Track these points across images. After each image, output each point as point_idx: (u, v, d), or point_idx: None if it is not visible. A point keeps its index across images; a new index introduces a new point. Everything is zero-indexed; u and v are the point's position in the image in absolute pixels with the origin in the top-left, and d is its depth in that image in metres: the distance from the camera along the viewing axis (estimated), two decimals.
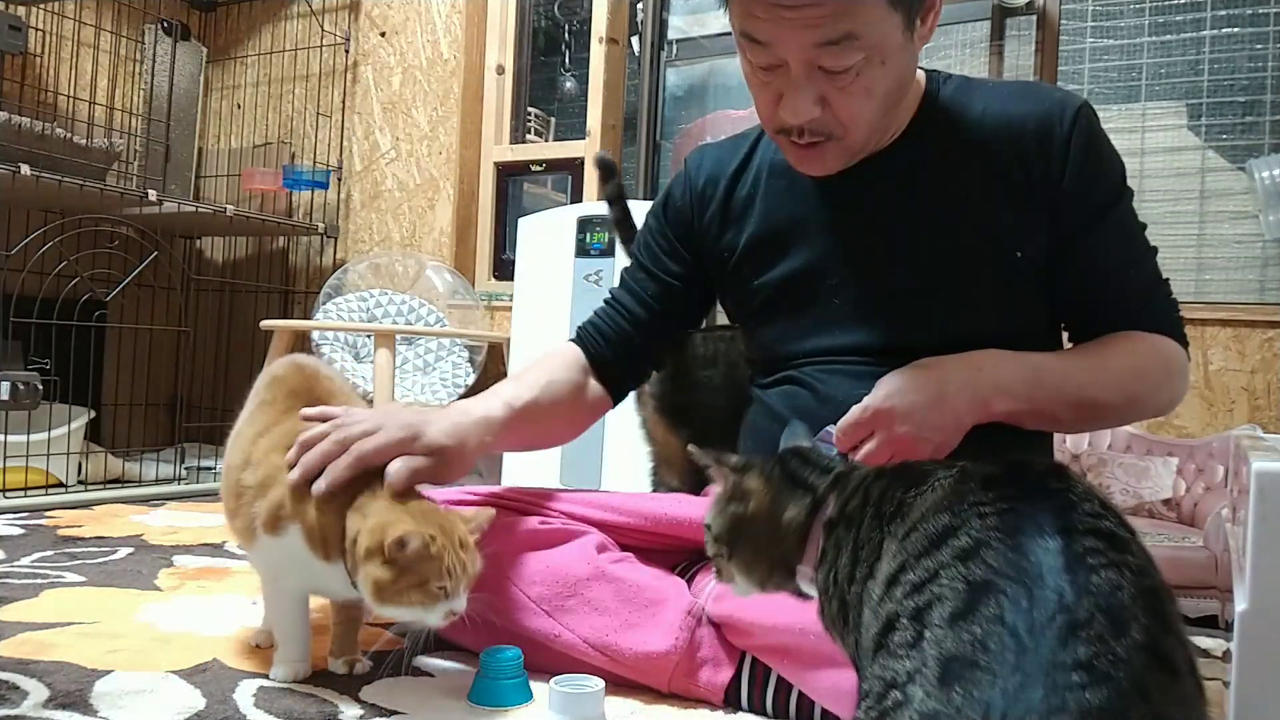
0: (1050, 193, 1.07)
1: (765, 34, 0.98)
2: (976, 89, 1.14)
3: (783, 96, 1.02)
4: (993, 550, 0.60)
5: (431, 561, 0.92)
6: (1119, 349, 1.08)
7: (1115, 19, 2.26)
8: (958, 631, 0.57)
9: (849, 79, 0.98)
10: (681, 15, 2.80)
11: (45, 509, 2.18)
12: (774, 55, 0.99)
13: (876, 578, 0.68)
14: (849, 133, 1.03)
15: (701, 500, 1.20)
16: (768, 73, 1.02)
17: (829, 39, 0.95)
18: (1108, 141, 1.10)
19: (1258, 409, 2.02)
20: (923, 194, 1.10)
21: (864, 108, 1.02)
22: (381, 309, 2.77)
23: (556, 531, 1.14)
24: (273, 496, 1.00)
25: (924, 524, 0.66)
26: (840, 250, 1.14)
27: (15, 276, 2.33)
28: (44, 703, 0.96)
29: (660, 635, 1.04)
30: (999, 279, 1.08)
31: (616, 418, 2.01)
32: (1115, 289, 1.10)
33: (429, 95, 3.00)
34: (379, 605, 0.94)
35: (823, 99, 1.00)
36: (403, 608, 0.93)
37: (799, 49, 0.97)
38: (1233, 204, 2.14)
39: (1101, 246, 1.09)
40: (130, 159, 2.98)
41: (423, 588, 0.92)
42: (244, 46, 3.39)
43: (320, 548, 0.98)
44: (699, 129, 2.73)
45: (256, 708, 0.97)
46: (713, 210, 1.23)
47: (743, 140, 1.26)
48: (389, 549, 0.91)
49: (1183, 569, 1.56)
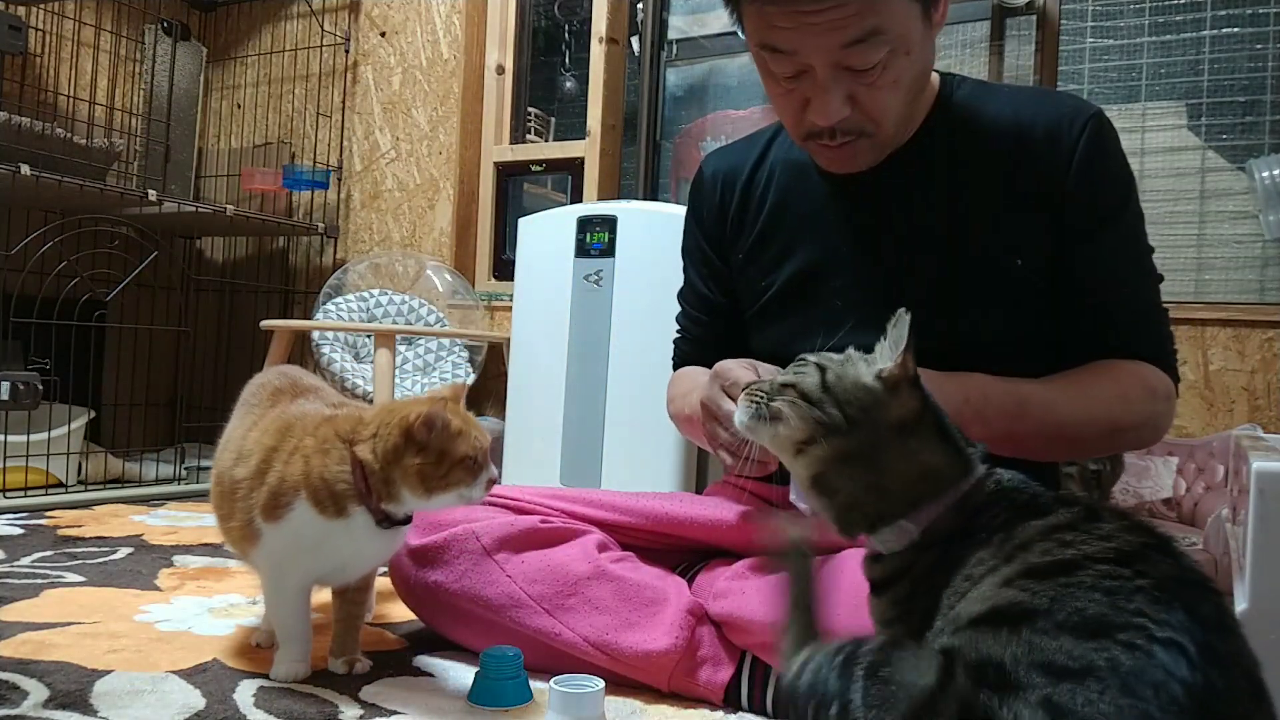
0: (1053, 199, 1.06)
1: (789, 42, 0.97)
2: (992, 93, 1.14)
3: (809, 101, 1.01)
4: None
5: (459, 436, 0.96)
6: (1107, 380, 1.05)
7: (1115, 19, 2.26)
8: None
9: (876, 74, 0.98)
10: (681, 15, 2.80)
11: (45, 509, 2.18)
12: (798, 62, 0.98)
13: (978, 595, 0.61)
14: (880, 127, 1.03)
15: (701, 500, 1.20)
16: (791, 81, 1.01)
17: (856, 38, 0.94)
18: (1118, 154, 1.09)
19: (1258, 409, 2.02)
20: (930, 197, 1.10)
21: (893, 100, 1.01)
22: (381, 309, 2.77)
23: (557, 530, 1.14)
24: (270, 480, 1.00)
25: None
26: (845, 251, 1.14)
27: (15, 276, 2.33)
28: (44, 703, 0.96)
29: (660, 634, 1.04)
30: (1000, 285, 1.08)
31: (617, 418, 2.02)
32: (1111, 306, 1.08)
33: (429, 95, 3.00)
34: (428, 498, 0.96)
35: (851, 98, 1.00)
36: (450, 491, 0.96)
37: (826, 52, 0.96)
38: (1233, 204, 2.14)
39: (1099, 259, 1.07)
40: (130, 159, 2.98)
41: (463, 464, 0.95)
42: (244, 46, 3.39)
43: (331, 505, 0.98)
44: (699, 129, 2.73)
45: (256, 708, 0.97)
46: (732, 214, 1.24)
47: (757, 138, 1.26)
48: (417, 431, 0.94)
49: None
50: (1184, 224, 2.17)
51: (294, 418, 1.06)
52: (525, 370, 2.18)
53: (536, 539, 1.13)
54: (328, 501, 0.98)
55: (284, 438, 1.03)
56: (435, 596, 1.15)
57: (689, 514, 1.14)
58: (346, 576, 1.07)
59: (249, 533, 1.04)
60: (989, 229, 1.08)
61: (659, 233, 1.99)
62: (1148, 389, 1.07)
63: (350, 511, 0.98)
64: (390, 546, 1.07)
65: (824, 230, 1.15)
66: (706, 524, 1.13)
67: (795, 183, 1.18)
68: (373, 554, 1.05)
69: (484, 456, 0.98)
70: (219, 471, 1.09)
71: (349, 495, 0.98)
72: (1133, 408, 1.06)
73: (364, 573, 1.08)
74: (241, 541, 1.06)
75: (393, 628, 1.30)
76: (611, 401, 2.01)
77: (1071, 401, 1.03)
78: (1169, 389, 1.08)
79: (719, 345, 1.25)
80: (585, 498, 1.21)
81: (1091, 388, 1.05)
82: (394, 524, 1.02)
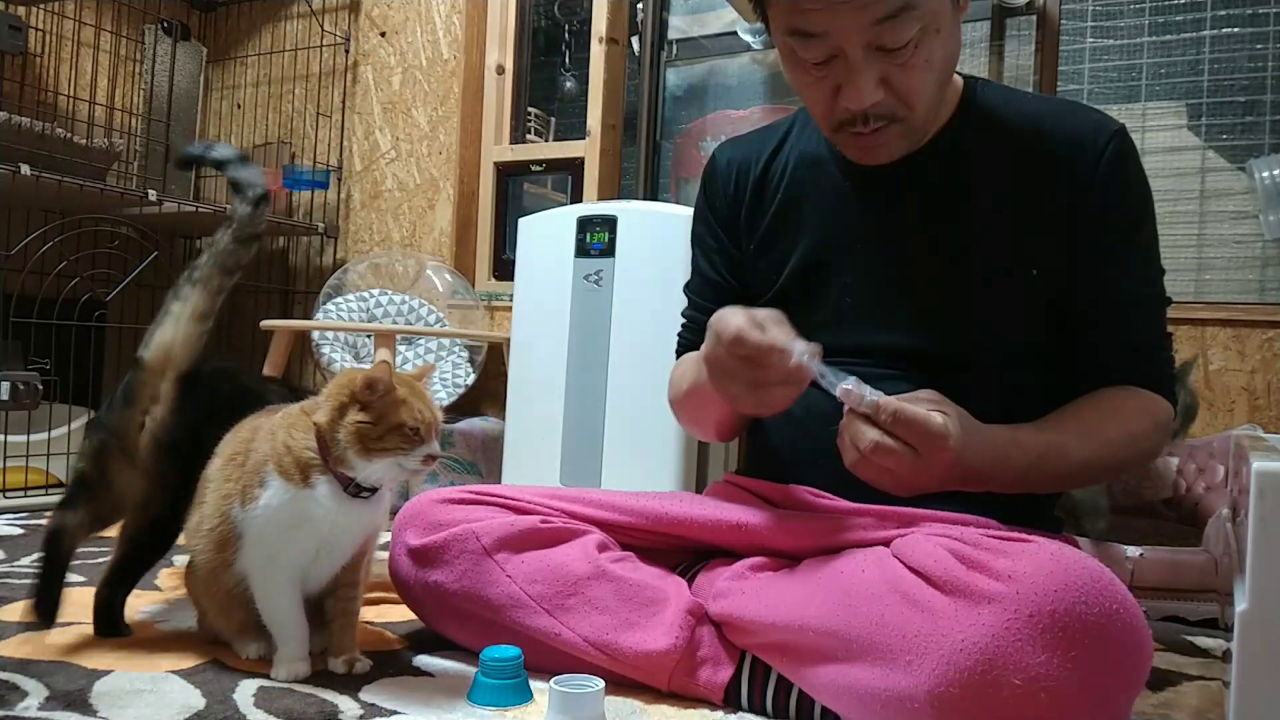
0: (1073, 213, 1.06)
1: (819, 24, 0.96)
2: (1015, 99, 1.13)
3: (841, 88, 1.00)
4: None
5: (400, 404, 1.01)
6: (1117, 423, 1.05)
7: (1115, 19, 2.26)
8: None
9: (908, 53, 0.97)
10: (681, 15, 2.80)
11: (45, 509, 2.18)
12: (829, 45, 0.97)
13: None
14: (913, 111, 1.02)
15: (701, 500, 1.20)
16: (821, 67, 1.00)
17: (888, 13, 0.93)
18: (1140, 173, 1.08)
19: (1258, 409, 2.02)
20: (946, 200, 1.10)
21: (925, 81, 1.00)
22: (381, 309, 2.77)
23: (557, 530, 1.14)
24: (244, 470, 1.05)
25: None
26: (856, 248, 1.13)
27: (15, 276, 2.33)
28: (44, 703, 0.96)
29: (660, 634, 1.03)
30: (1012, 294, 1.07)
31: (617, 418, 2.02)
32: (1121, 328, 1.08)
33: (429, 95, 3.00)
34: (367, 459, 1.00)
35: (884, 80, 0.99)
36: (387, 456, 1.00)
37: (858, 31, 0.95)
38: (1233, 204, 2.14)
39: (1113, 278, 1.07)
40: (130, 159, 2.97)
41: (399, 431, 1.00)
42: (244, 46, 3.39)
43: (296, 473, 1.02)
44: (699, 129, 2.73)
45: (256, 707, 0.97)
46: (746, 203, 1.23)
47: (774, 130, 1.25)
48: (360, 391, 1.00)
49: (1182, 573, 1.56)
50: (1184, 224, 2.17)
51: (265, 420, 1.11)
52: (525, 370, 2.18)
53: (536, 539, 1.13)
54: (293, 470, 1.02)
55: (257, 433, 1.09)
56: (435, 596, 1.15)
57: (689, 514, 1.14)
58: (331, 562, 1.08)
59: (229, 537, 1.05)
60: (1005, 236, 1.07)
61: (659, 233, 2.00)
62: (1154, 424, 1.07)
63: (315, 480, 1.02)
64: (364, 520, 1.07)
65: (836, 226, 1.14)
66: (706, 524, 1.13)
67: (810, 176, 1.18)
68: (349, 528, 1.06)
69: (427, 430, 1.02)
70: (194, 530, 1.11)
71: (314, 464, 1.02)
72: (1139, 446, 1.07)
73: (347, 554, 1.08)
74: (224, 567, 1.07)
75: (393, 628, 1.30)
76: (611, 401, 2.01)
77: (1083, 447, 1.03)
78: (1168, 416, 1.09)
79: None
80: (585, 498, 1.21)
81: (1102, 431, 1.05)
82: (360, 493, 1.04)
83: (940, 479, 0.94)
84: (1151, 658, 0.84)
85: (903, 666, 0.84)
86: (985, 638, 0.80)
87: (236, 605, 1.10)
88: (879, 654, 0.87)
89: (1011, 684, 0.78)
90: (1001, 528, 1.00)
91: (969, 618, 0.82)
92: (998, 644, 0.79)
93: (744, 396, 0.98)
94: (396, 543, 1.19)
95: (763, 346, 0.95)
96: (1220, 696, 1.17)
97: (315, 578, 1.09)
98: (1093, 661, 0.79)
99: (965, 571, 0.86)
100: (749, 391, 0.97)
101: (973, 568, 0.86)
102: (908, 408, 0.90)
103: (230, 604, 1.10)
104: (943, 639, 0.82)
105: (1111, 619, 0.80)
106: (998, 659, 0.79)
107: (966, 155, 1.10)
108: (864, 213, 1.13)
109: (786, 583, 1.01)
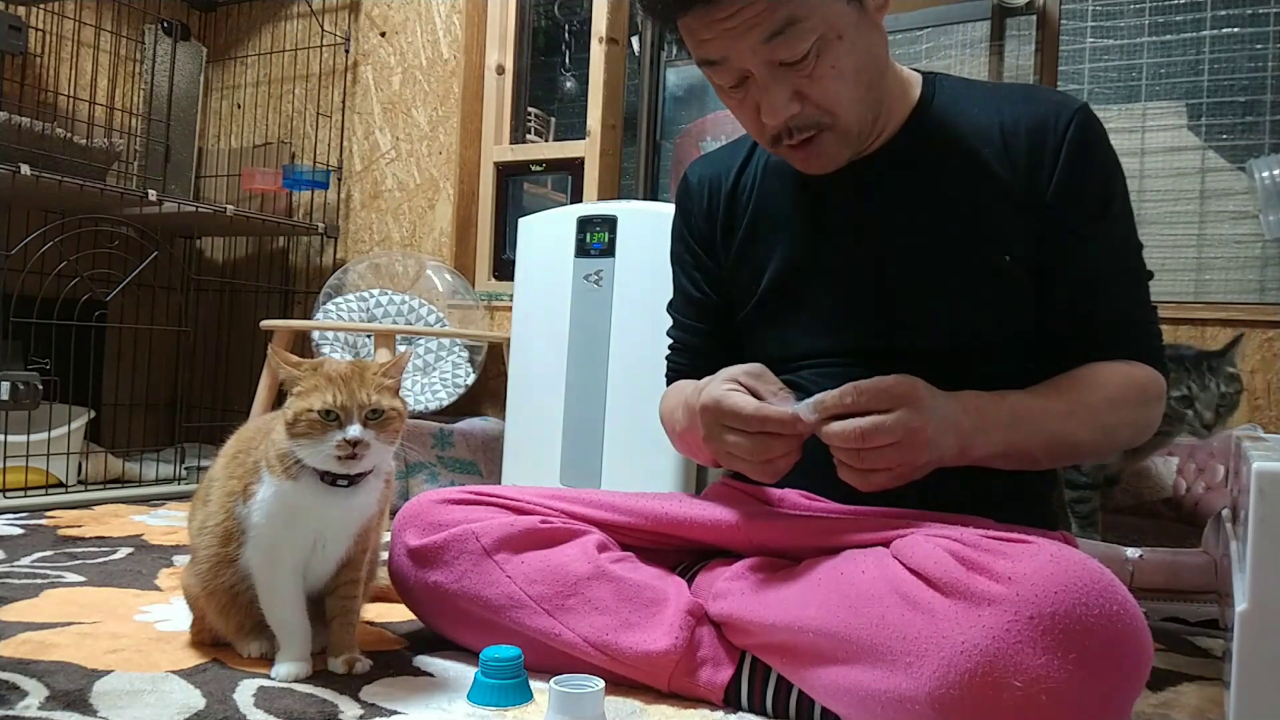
0: (1040, 195, 1.06)
1: (718, 51, 0.99)
2: (975, 91, 1.14)
3: (759, 105, 1.02)
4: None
5: (311, 390, 1.03)
6: (1097, 384, 1.05)
7: (1115, 19, 2.26)
8: None
9: (811, 64, 0.98)
10: None
11: (45, 509, 2.18)
12: (734, 69, 1.00)
13: None
14: (836, 116, 1.03)
15: (701, 500, 1.20)
16: (739, 89, 1.03)
17: (773, 30, 0.96)
18: (1106, 149, 1.08)
19: (1258, 409, 2.02)
20: (913, 195, 1.10)
21: (839, 88, 1.01)
22: (381, 309, 2.77)
23: (557, 530, 1.14)
24: (245, 467, 1.09)
25: None
26: (825, 252, 1.14)
27: (15, 276, 2.33)
28: (44, 703, 0.96)
29: (660, 634, 1.04)
30: (988, 282, 1.07)
31: (616, 418, 2.02)
32: (1100, 304, 1.08)
33: (429, 95, 3.00)
34: (294, 443, 1.02)
35: (797, 94, 1.01)
36: (302, 440, 1.02)
37: (750, 52, 0.98)
38: (1233, 204, 2.14)
39: (1088, 256, 1.07)
40: (130, 159, 2.97)
41: (306, 417, 1.02)
42: (244, 46, 3.39)
43: (280, 467, 1.04)
44: (699, 129, 2.73)
45: (256, 707, 0.97)
46: (720, 218, 1.24)
47: (741, 144, 1.26)
48: (285, 383, 1.05)
49: (1182, 574, 1.56)
50: (1184, 224, 2.17)
51: (265, 420, 1.15)
52: (525, 370, 2.18)
53: (536, 539, 1.13)
54: (277, 465, 1.04)
55: (258, 432, 1.12)
56: (435, 597, 1.15)
57: (689, 514, 1.14)
58: (329, 554, 1.09)
59: (234, 532, 1.08)
60: (973, 226, 1.07)
61: (659, 233, 1.98)
62: (1139, 390, 1.07)
63: (298, 473, 1.04)
64: (350, 509, 1.08)
65: (804, 232, 1.15)
66: (706, 524, 1.13)
67: (777, 185, 1.19)
68: (336, 517, 1.07)
69: (346, 416, 1.02)
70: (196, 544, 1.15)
71: (292, 457, 1.04)
72: (1123, 411, 1.06)
73: (342, 544, 1.09)
74: (229, 564, 1.09)
75: (392, 628, 1.30)
76: (611, 401, 2.01)
77: (1062, 408, 1.03)
78: (1160, 388, 1.08)
79: (714, 351, 1.25)
80: (585, 498, 1.21)
81: (1082, 393, 1.04)
82: (336, 482, 1.05)
83: (932, 437, 0.93)
84: (1152, 658, 0.84)
85: (903, 668, 0.84)
86: (986, 639, 0.80)
87: (237, 605, 1.11)
88: (879, 655, 0.87)
89: (1012, 686, 0.78)
90: (1001, 528, 0.99)
91: (969, 619, 0.82)
92: (998, 646, 0.79)
93: (754, 473, 1.01)
94: (396, 543, 1.19)
95: (769, 420, 0.97)
96: (1220, 696, 1.17)
97: (316, 572, 1.10)
98: (1093, 663, 0.79)
99: (965, 573, 0.86)
100: (759, 469, 1.00)
101: (973, 569, 0.86)
102: (861, 381, 0.93)
103: (231, 604, 1.11)
104: (943, 641, 0.82)
105: (1112, 620, 0.80)
106: (998, 661, 0.79)
107: (925, 153, 1.10)
108: (834, 215, 1.14)
109: (786, 583, 1.01)
